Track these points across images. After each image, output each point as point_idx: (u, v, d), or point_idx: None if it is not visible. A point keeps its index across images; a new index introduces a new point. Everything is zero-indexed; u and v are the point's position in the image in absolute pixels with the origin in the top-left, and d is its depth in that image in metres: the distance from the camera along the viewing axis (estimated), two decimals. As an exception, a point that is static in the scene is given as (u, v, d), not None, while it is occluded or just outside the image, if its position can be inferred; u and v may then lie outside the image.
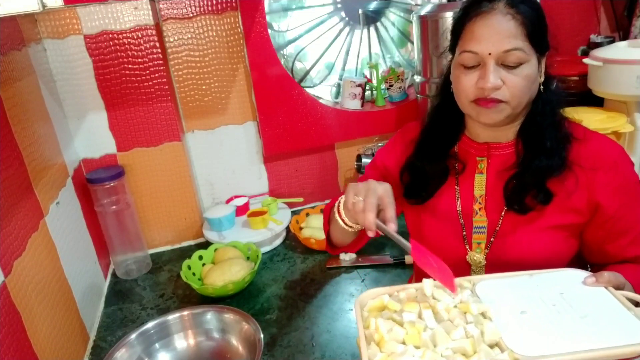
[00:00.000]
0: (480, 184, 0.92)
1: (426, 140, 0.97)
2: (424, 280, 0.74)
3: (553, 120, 0.87)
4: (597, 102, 1.45)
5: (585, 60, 1.41)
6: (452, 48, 0.89)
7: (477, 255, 0.91)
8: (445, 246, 0.93)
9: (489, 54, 0.81)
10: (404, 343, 0.66)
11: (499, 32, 0.80)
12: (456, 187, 0.94)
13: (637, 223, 0.87)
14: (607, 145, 0.87)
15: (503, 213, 0.89)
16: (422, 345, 0.65)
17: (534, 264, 0.83)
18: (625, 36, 1.80)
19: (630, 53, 1.32)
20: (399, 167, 1.00)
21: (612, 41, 1.74)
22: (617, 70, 1.32)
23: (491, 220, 0.90)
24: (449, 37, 0.89)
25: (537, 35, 0.82)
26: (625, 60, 1.31)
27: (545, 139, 0.86)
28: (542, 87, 0.87)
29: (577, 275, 0.76)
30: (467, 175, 0.94)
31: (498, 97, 0.82)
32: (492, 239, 0.89)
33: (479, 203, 0.92)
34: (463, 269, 0.93)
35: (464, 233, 0.92)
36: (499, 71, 0.81)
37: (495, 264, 0.91)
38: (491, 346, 0.65)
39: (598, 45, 1.74)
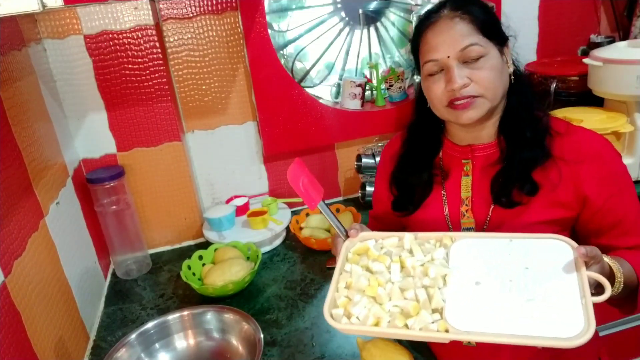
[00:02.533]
0: (466, 186, 0.94)
1: (407, 154, 1.00)
2: (405, 234, 0.81)
3: (531, 112, 0.89)
4: (597, 102, 1.45)
5: (585, 60, 1.41)
6: (417, 66, 0.93)
7: None
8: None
9: (448, 56, 0.85)
10: (364, 292, 0.72)
11: (451, 35, 0.84)
12: (443, 192, 0.96)
13: (628, 213, 0.87)
14: (590, 137, 0.87)
15: (490, 211, 0.90)
16: (377, 298, 0.71)
17: None
18: (625, 36, 1.80)
19: (630, 53, 1.32)
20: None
21: (612, 41, 1.74)
22: (617, 70, 1.32)
23: (478, 220, 0.92)
24: None
25: (490, 28, 0.86)
26: (625, 60, 1.31)
27: (525, 130, 0.88)
28: (512, 77, 0.89)
29: (557, 247, 0.73)
30: (453, 180, 0.96)
31: (471, 93, 0.85)
32: None
33: (466, 205, 0.94)
34: None
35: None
36: (463, 70, 0.84)
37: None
38: (435, 311, 0.68)
39: (598, 45, 1.74)
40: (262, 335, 1.00)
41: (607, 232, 0.88)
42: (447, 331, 0.64)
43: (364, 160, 1.62)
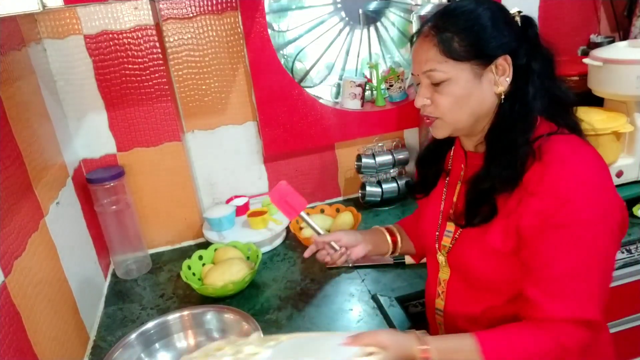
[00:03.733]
0: (458, 190, 0.96)
1: (428, 145, 1.04)
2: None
3: (512, 136, 0.81)
4: (597, 102, 1.45)
5: (585, 60, 1.41)
6: None
7: (441, 257, 0.96)
8: (426, 243, 1.00)
9: (417, 75, 0.86)
10: None
11: (419, 55, 0.85)
12: (444, 189, 0.98)
13: (554, 264, 0.77)
14: (568, 176, 0.77)
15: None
16: None
17: (486, 279, 0.85)
18: (625, 36, 1.80)
19: (630, 53, 1.32)
20: None
21: (612, 41, 1.75)
22: (617, 70, 1.32)
23: (457, 227, 0.92)
24: None
25: (463, 51, 0.81)
26: (625, 60, 1.31)
27: (500, 155, 0.82)
28: (503, 97, 0.83)
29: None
30: (452, 180, 0.98)
31: (430, 114, 0.87)
32: (450, 245, 0.93)
33: (452, 209, 0.95)
34: (435, 267, 0.99)
35: (437, 234, 0.97)
36: (429, 89, 0.85)
37: (456, 269, 0.94)
38: None
39: (598, 45, 1.74)
40: (262, 335, 1.00)
41: (527, 276, 0.80)
42: None
43: (364, 160, 1.62)
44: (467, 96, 0.82)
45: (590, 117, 1.34)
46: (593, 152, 0.82)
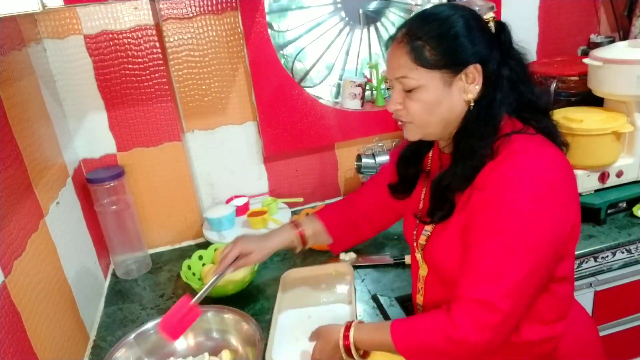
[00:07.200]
0: (425, 190, 0.98)
1: (407, 146, 1.04)
2: None
3: (473, 141, 0.83)
4: (597, 102, 1.45)
5: (585, 60, 1.41)
6: None
7: (418, 255, 0.98)
8: (408, 241, 1.03)
9: (391, 79, 0.88)
10: None
11: (392, 61, 0.87)
12: (423, 189, 1.00)
13: (483, 261, 0.78)
14: (515, 172, 0.78)
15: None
16: None
17: (454, 274, 0.85)
18: (625, 36, 1.80)
19: (630, 53, 1.32)
20: None
21: (612, 41, 1.74)
22: (617, 70, 1.32)
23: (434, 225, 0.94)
24: None
25: (434, 59, 0.82)
26: (625, 60, 1.31)
27: (460, 157, 0.85)
28: (472, 105, 0.84)
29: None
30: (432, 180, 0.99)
31: (401, 119, 0.89)
32: (424, 243, 0.95)
33: (421, 207, 0.98)
34: (416, 264, 1.01)
35: (415, 232, 0.98)
36: (401, 94, 0.87)
37: (430, 265, 0.96)
38: None
39: (598, 45, 1.74)
40: (262, 335, 1.00)
41: (461, 269, 0.82)
42: None
43: (364, 160, 1.62)
44: (437, 103, 0.84)
45: (590, 117, 1.35)
46: (554, 153, 0.82)
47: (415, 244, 0.98)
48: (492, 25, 0.85)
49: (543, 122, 0.87)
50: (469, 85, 0.84)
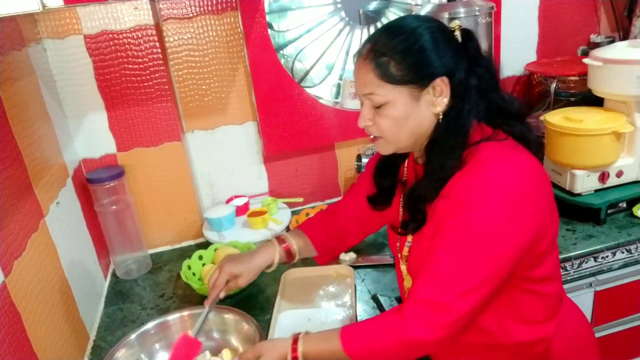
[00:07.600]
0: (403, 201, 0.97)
1: (381, 158, 1.02)
2: None
3: (442, 153, 0.84)
4: (597, 102, 1.45)
5: (585, 60, 1.41)
6: None
7: (403, 266, 0.97)
8: (394, 253, 1.01)
9: (360, 96, 0.87)
10: None
11: (358, 78, 0.86)
12: (401, 200, 0.98)
13: (440, 266, 0.79)
14: (478, 181, 0.79)
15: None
16: None
17: None
18: (625, 36, 1.80)
19: (630, 53, 1.32)
20: None
21: (612, 41, 1.74)
22: (617, 70, 1.32)
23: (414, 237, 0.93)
24: None
25: (399, 75, 0.81)
26: (625, 60, 1.31)
27: (430, 168, 0.85)
28: (441, 117, 0.84)
29: None
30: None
31: (372, 133, 0.89)
32: (407, 254, 0.94)
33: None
34: (401, 276, 0.99)
35: (398, 244, 0.97)
36: (371, 110, 0.86)
37: (413, 276, 0.94)
38: None
39: (598, 45, 1.74)
40: (262, 335, 1.00)
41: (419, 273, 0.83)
42: None
43: (364, 160, 1.61)
44: (405, 118, 0.84)
45: (590, 117, 1.35)
46: (524, 157, 0.82)
47: (399, 255, 0.97)
48: (458, 34, 0.84)
49: (516, 126, 0.86)
50: (437, 98, 0.83)
